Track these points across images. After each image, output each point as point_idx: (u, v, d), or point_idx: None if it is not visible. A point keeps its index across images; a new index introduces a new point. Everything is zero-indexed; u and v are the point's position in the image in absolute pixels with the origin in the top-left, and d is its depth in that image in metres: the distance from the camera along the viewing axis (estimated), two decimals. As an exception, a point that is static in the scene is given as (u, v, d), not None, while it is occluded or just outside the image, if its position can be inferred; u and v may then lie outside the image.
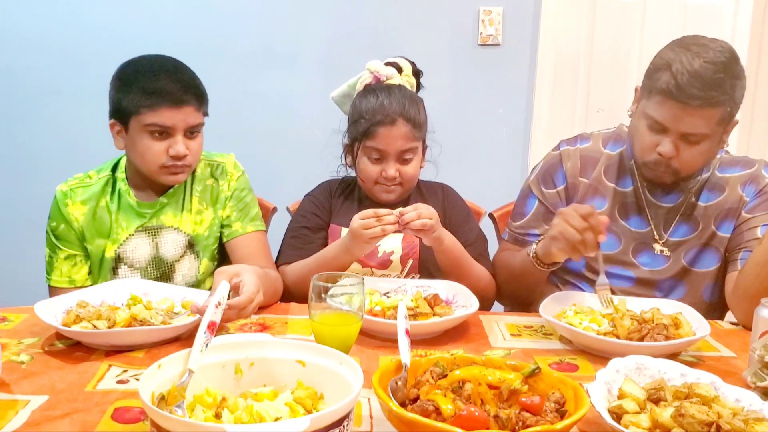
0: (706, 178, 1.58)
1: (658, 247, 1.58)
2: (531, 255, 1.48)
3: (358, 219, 1.46)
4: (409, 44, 2.72)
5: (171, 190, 1.61)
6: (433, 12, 2.73)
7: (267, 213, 1.87)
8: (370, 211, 1.45)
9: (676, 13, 2.73)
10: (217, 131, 2.64)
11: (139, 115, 1.49)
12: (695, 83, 1.36)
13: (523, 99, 2.81)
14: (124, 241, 1.59)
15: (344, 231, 1.66)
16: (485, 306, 1.59)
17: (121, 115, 1.52)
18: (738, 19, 2.72)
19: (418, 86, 1.72)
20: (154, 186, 1.59)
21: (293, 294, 1.58)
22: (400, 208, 1.47)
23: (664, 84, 1.39)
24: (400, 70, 1.68)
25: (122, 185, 1.60)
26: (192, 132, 1.54)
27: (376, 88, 1.65)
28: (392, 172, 1.62)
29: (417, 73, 1.71)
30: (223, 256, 1.68)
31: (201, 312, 1.24)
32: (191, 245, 1.63)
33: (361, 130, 1.61)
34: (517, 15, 2.73)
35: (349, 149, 1.70)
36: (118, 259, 1.59)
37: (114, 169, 1.62)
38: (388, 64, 1.68)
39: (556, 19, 2.72)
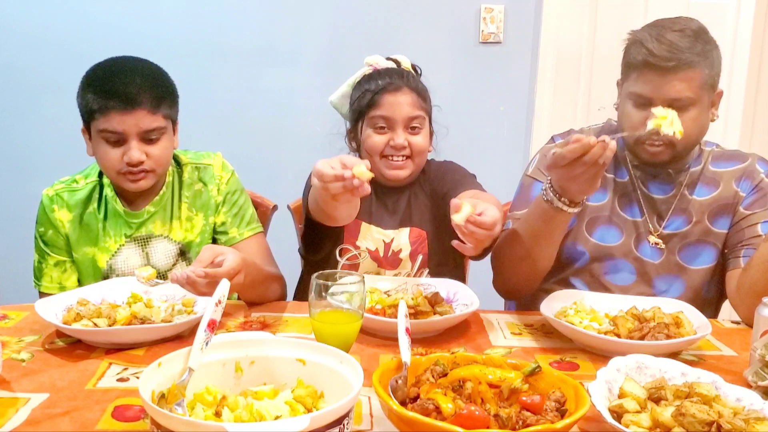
0: (698, 171, 1.58)
1: (653, 238, 1.58)
2: (547, 197, 1.34)
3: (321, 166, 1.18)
4: (411, 42, 2.72)
5: (157, 198, 1.56)
6: (435, 9, 2.73)
7: (267, 211, 1.86)
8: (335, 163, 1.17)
9: (678, 10, 2.70)
10: (218, 128, 2.66)
11: (94, 121, 1.45)
12: (668, 48, 1.41)
13: (524, 97, 2.81)
14: (115, 252, 1.56)
15: (372, 228, 1.64)
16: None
17: (84, 120, 1.50)
18: (740, 17, 2.71)
19: None
20: (140, 194, 1.55)
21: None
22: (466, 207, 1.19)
23: (639, 56, 1.44)
24: (398, 64, 1.67)
25: (109, 191, 1.55)
26: (150, 136, 1.46)
27: (376, 71, 1.63)
28: (401, 140, 1.55)
29: (415, 69, 1.69)
30: None
31: (179, 281, 1.26)
32: (183, 253, 1.59)
33: (365, 102, 1.58)
34: (519, 13, 2.73)
35: (353, 133, 1.65)
36: (109, 270, 1.56)
37: (101, 174, 1.57)
38: (387, 59, 1.68)
39: (557, 17, 2.71)
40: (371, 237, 1.63)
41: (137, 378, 1.09)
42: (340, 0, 2.72)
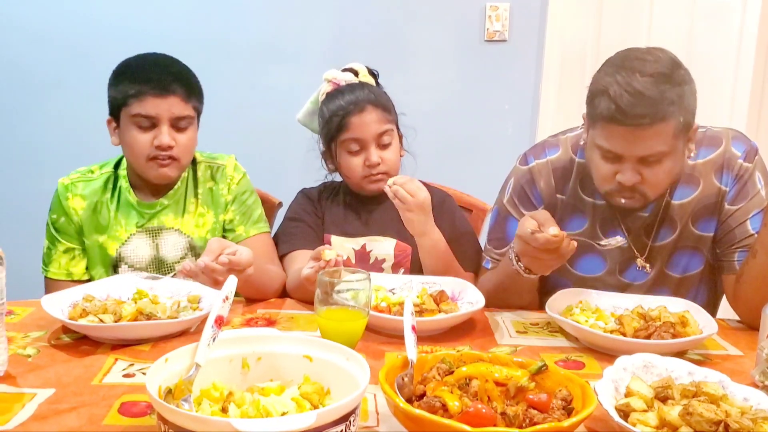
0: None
1: (639, 262, 1.51)
2: (514, 265, 1.37)
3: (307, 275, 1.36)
4: (415, 40, 2.72)
5: (171, 191, 1.61)
6: (440, 7, 2.72)
7: (272, 208, 1.87)
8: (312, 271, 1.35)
9: (684, 9, 2.72)
10: (222, 126, 2.65)
11: (126, 107, 1.51)
12: (638, 102, 1.25)
13: (529, 95, 2.80)
14: (125, 241, 1.59)
15: (333, 238, 1.66)
16: None
17: (113, 109, 1.55)
18: (746, 16, 2.70)
19: (376, 85, 1.72)
20: (154, 186, 1.60)
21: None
22: (393, 179, 1.52)
23: (606, 110, 1.28)
24: (356, 73, 1.69)
25: (123, 182, 1.61)
26: (180, 124, 1.54)
27: (337, 90, 1.65)
28: (375, 158, 1.61)
29: (373, 74, 1.71)
30: None
31: (192, 272, 1.31)
32: (192, 247, 1.63)
33: (334, 127, 1.62)
34: (524, 11, 2.72)
35: (328, 154, 1.69)
36: (119, 258, 1.60)
37: (117, 165, 1.63)
38: (344, 70, 1.70)
39: (563, 15, 2.71)
40: (341, 248, 1.64)
41: (143, 374, 1.09)
42: (345, -2, 2.72)
